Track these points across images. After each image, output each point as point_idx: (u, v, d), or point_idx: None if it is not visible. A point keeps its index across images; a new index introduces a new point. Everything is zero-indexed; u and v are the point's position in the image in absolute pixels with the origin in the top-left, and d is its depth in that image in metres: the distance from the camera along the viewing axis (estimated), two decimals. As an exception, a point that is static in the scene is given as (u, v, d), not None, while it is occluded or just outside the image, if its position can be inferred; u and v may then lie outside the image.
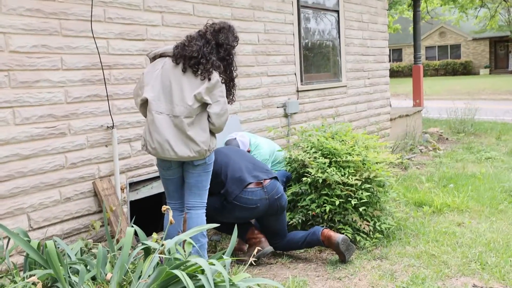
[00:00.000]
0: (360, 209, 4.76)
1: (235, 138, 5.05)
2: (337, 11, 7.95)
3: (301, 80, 7.11)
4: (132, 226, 3.58)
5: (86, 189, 4.34)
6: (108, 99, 4.46)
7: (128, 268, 3.36)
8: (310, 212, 4.82)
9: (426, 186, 6.73)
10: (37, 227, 4.01)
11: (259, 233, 4.57)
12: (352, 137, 5.14)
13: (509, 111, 17.50)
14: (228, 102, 4.04)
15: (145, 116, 3.96)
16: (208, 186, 4.11)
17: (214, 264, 3.14)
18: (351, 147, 5.02)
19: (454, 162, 8.86)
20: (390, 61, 45.68)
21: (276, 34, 6.61)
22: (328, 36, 7.87)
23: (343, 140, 5.11)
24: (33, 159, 3.98)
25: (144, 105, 3.93)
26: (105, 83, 4.45)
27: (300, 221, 4.88)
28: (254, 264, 4.50)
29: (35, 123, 3.98)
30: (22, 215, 3.91)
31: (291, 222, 4.89)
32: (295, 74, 6.95)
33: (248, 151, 5.05)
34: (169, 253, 3.32)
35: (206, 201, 4.10)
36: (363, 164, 4.92)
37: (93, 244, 4.08)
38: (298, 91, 7.02)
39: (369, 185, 4.83)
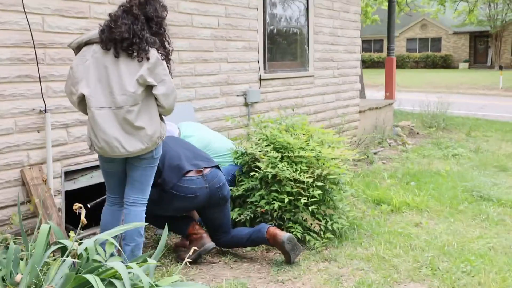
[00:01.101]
0: (312, 208, 4.46)
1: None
2: (306, -2, 7.60)
3: (265, 68, 6.76)
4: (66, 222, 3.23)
5: (12, 178, 3.97)
6: (40, 81, 4.08)
7: (42, 269, 3.02)
8: (259, 208, 4.50)
9: (388, 182, 6.46)
10: (-48, 218, 3.64)
11: (201, 228, 4.24)
12: (307, 130, 4.81)
13: (483, 107, 17.40)
14: None
15: (86, 113, 3.57)
16: (151, 182, 3.77)
17: (132, 268, 2.80)
18: (306, 141, 4.70)
19: (421, 157, 8.61)
20: (372, 51, 45.47)
21: (239, 19, 6.24)
22: (296, 24, 7.52)
23: (298, 134, 4.78)
24: (-51, 143, 3.59)
25: (82, 102, 3.52)
26: (37, 63, 4.06)
27: (248, 218, 4.55)
28: (192, 263, 4.17)
29: (-48, 104, 3.60)
30: None
31: (239, 218, 4.56)
32: (257, 61, 6.60)
33: None
34: (87, 254, 2.98)
35: (147, 198, 3.75)
36: (316, 160, 4.60)
37: (15, 239, 3.72)
38: (260, 79, 6.67)
39: (321, 183, 4.52)
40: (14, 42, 3.94)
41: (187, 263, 4.00)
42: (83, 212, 2.90)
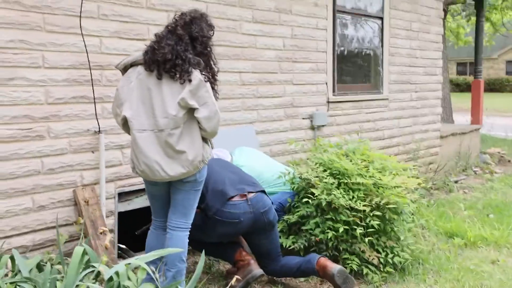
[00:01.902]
0: (370, 238, 4.20)
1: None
2: (381, 18, 7.35)
3: (333, 91, 6.56)
4: (118, 243, 3.20)
5: (65, 198, 4.02)
6: (95, 102, 4.13)
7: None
8: (313, 237, 4.30)
9: (465, 214, 6.01)
10: (3, 236, 3.71)
11: (247, 255, 4.10)
12: (367, 156, 4.56)
13: None
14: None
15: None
16: (195, 207, 3.68)
17: (159, 298, 2.70)
18: (365, 167, 4.46)
19: (509, 188, 8.03)
20: (468, 74, 43.67)
21: (306, 40, 6.11)
22: (369, 45, 7.28)
23: (357, 160, 4.54)
24: (2, 162, 3.68)
25: (126, 124, 3.52)
26: (92, 84, 4.11)
27: (302, 246, 4.36)
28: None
29: (6, 124, 3.69)
30: (-15, 222, 3.62)
31: (293, 246, 4.37)
32: (326, 83, 6.42)
33: None
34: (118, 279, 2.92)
35: (191, 222, 3.66)
36: (376, 188, 4.34)
37: (65, 258, 3.73)
38: (329, 102, 6.48)
39: (380, 212, 4.25)
40: (71, 64, 4.02)
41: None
42: (108, 236, 2.84)
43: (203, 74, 3.42)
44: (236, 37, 5.28)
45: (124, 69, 3.53)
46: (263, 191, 4.07)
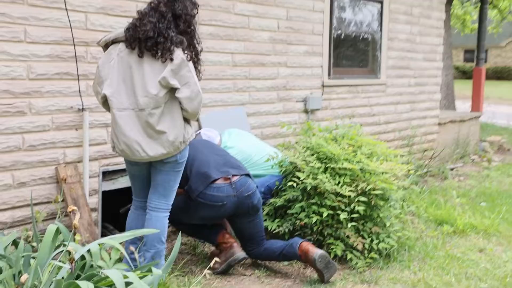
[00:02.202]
0: (355, 224, 4.14)
1: (199, 133, 4.52)
2: (381, 2, 7.21)
3: (329, 74, 6.46)
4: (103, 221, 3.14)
5: (46, 175, 3.96)
6: (78, 79, 4.05)
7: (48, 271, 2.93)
8: (298, 221, 4.24)
9: (457, 201, 5.94)
10: (-19, 212, 3.66)
11: (231, 237, 4.04)
12: (356, 141, 4.49)
13: None
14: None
15: None
16: (176, 188, 3.62)
17: (128, 277, 2.64)
18: (353, 152, 4.38)
19: (505, 176, 7.95)
20: (475, 61, 43.13)
21: (301, 22, 6.00)
22: (367, 29, 7.16)
23: (349, 145, 4.46)
24: (-19, 137, 3.62)
25: (106, 102, 3.45)
26: (76, 61, 4.03)
27: (287, 230, 4.31)
28: (222, 273, 3.97)
29: (-14, 99, 3.62)
30: (-37, 198, 3.57)
31: (278, 230, 4.33)
32: (321, 67, 6.33)
33: None
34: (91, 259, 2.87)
35: (171, 203, 3.61)
36: (362, 174, 4.26)
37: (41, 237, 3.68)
38: (323, 85, 6.38)
39: (365, 198, 4.17)
40: (55, 39, 3.94)
41: (215, 273, 3.86)
42: (77, 216, 2.78)
43: (186, 53, 3.33)
44: (228, 17, 5.18)
45: (106, 46, 3.46)
46: (248, 175, 4.00)
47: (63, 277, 2.68)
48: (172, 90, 3.32)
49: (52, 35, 3.92)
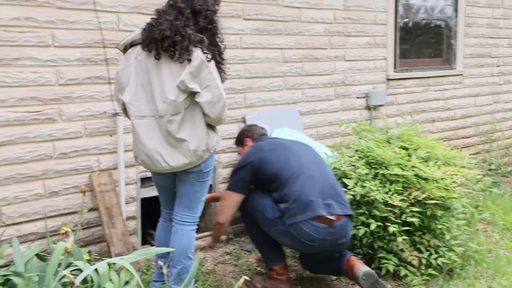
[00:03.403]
0: (406, 237, 3.72)
1: (265, 128, 4.14)
2: (455, -15, 6.62)
3: (395, 67, 5.99)
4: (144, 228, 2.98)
5: (79, 183, 3.84)
6: (110, 82, 3.89)
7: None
8: (348, 232, 3.87)
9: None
10: (11, 223, 3.60)
11: (286, 272, 3.72)
12: (410, 142, 4.04)
13: None
14: (222, 81, 3.21)
15: None
16: (204, 199, 3.37)
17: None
18: (407, 156, 3.94)
19: None
20: None
21: (361, 12, 5.58)
22: (440, 15, 6.58)
23: (403, 147, 4.03)
24: (9, 146, 3.55)
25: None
26: (107, 64, 3.88)
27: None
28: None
29: (13, 107, 3.54)
30: (-9, 209, 3.51)
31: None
32: (385, 59, 5.87)
33: None
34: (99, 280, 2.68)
35: (198, 215, 3.36)
36: (416, 180, 3.82)
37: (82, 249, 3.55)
38: (388, 79, 5.92)
39: (420, 208, 3.74)
40: (85, 42, 3.81)
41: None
42: (71, 237, 2.59)
43: (205, 53, 3.05)
44: (277, 10, 4.87)
45: (125, 50, 3.24)
46: (351, 215, 3.56)
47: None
48: (192, 95, 3.06)
49: (81, 38, 3.79)
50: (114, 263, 2.80)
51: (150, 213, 4.38)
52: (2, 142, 3.52)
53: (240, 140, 4.08)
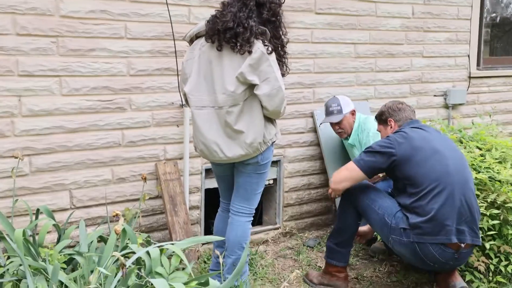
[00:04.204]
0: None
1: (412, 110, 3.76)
2: (550, -22, 6.24)
3: (478, 64, 5.76)
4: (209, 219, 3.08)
5: (146, 171, 3.98)
6: (178, 74, 4.00)
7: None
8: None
9: None
10: (81, 206, 3.79)
11: (345, 271, 3.70)
12: (483, 142, 3.87)
13: None
14: (283, 75, 3.22)
15: None
16: (260, 191, 3.40)
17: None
18: (480, 156, 3.78)
19: None
20: None
21: (443, 6, 5.41)
22: (531, 10, 6.24)
23: (471, 148, 3.87)
24: (81, 133, 3.74)
25: None
26: (175, 56, 3.99)
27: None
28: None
29: (86, 95, 3.73)
30: (62, 191, 3.71)
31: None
32: (468, 56, 5.64)
33: None
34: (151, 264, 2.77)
35: (254, 207, 3.40)
36: (491, 183, 3.66)
37: (141, 234, 3.69)
38: (470, 77, 5.70)
39: (497, 211, 3.59)
40: (156, 35, 3.94)
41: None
42: (121, 221, 2.69)
43: (266, 45, 3.07)
44: (351, 4, 4.81)
45: (191, 41, 3.33)
46: (477, 245, 3.41)
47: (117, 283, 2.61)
48: (252, 87, 3.09)
49: (153, 30, 3.92)
50: (166, 249, 2.88)
51: (215, 204, 4.47)
52: (75, 129, 3.71)
53: (384, 119, 3.71)
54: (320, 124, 4.55)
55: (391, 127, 3.66)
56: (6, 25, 3.42)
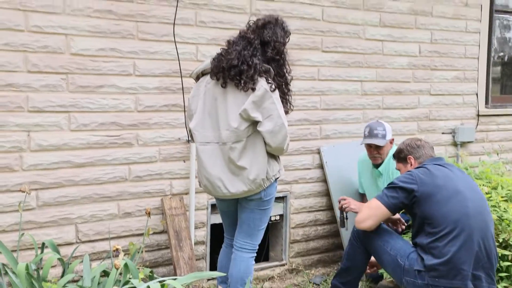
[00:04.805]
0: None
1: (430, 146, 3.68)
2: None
3: (486, 102, 5.77)
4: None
5: (152, 205, 4.01)
6: (185, 110, 4.05)
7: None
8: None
9: None
10: (87, 240, 3.82)
11: None
12: (490, 181, 3.86)
13: None
14: (286, 112, 3.26)
15: None
16: (264, 227, 3.40)
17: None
18: (486, 194, 3.76)
19: None
20: None
21: (450, 45, 5.45)
22: (539, 49, 6.26)
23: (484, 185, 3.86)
24: (88, 168, 3.79)
25: None
26: (183, 92, 4.06)
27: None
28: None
29: (94, 130, 3.79)
30: (68, 226, 3.75)
31: None
32: (476, 94, 5.66)
33: None
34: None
35: (258, 243, 3.40)
36: (498, 222, 3.63)
37: (144, 268, 3.70)
38: (479, 115, 5.70)
39: (507, 252, 3.54)
40: (164, 72, 4.02)
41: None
42: (121, 255, 2.71)
43: (269, 83, 3.12)
44: (358, 42, 4.87)
45: (197, 78, 3.39)
46: None
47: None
48: (255, 123, 3.13)
49: (161, 67, 4.00)
50: (168, 284, 2.89)
51: (222, 239, 4.47)
52: (83, 163, 3.76)
53: (403, 157, 3.61)
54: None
55: (411, 165, 3.55)
56: (17, 62, 3.52)
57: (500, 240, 3.60)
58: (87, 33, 3.72)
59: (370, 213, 3.34)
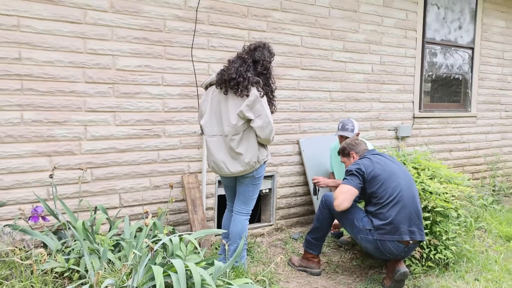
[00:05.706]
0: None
1: (364, 142, 3.73)
2: (472, 48, 6.24)
3: (420, 108, 5.73)
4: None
5: (174, 181, 3.98)
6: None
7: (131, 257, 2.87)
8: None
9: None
10: (127, 205, 3.78)
11: (318, 257, 3.61)
12: (419, 164, 3.83)
13: None
14: (272, 112, 3.24)
15: None
16: (255, 197, 3.38)
17: (188, 266, 2.47)
18: (416, 174, 3.74)
19: None
20: None
21: (394, 66, 5.40)
22: (458, 70, 6.23)
23: (414, 167, 3.84)
24: (128, 153, 3.75)
25: None
26: (197, 98, 4.01)
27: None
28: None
29: (132, 125, 3.75)
30: (114, 195, 3.71)
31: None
32: (412, 102, 5.62)
33: None
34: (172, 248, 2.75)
35: (251, 209, 3.39)
36: (423, 193, 3.61)
37: (168, 226, 3.67)
38: (414, 117, 5.66)
39: (428, 214, 3.53)
40: (184, 83, 3.97)
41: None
42: (149, 216, 2.67)
43: (259, 91, 3.10)
44: (327, 63, 4.83)
45: (206, 88, 3.36)
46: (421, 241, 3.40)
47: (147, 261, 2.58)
48: (249, 121, 3.11)
49: (182, 79, 3.95)
50: (184, 237, 2.86)
51: (224, 206, 4.44)
52: (124, 149, 3.72)
53: (347, 153, 3.63)
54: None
55: (353, 158, 3.59)
56: (78, 75, 3.47)
57: (423, 205, 3.58)
58: (128, 54, 3.68)
59: (345, 196, 3.25)
